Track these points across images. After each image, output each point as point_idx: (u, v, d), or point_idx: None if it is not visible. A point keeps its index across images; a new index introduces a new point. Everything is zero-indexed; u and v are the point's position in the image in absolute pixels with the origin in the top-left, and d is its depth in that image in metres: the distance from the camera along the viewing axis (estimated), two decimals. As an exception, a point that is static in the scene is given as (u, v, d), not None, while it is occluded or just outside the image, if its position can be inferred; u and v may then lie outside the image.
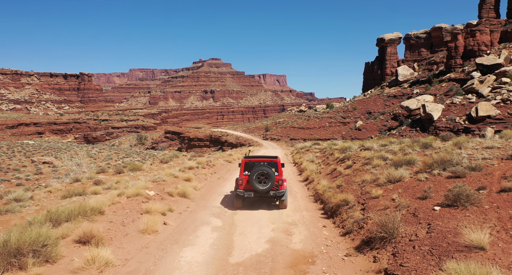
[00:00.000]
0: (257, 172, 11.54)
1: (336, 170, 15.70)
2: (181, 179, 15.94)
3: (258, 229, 8.97)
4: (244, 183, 11.99)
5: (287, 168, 24.73)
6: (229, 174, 21.39)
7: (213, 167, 23.14)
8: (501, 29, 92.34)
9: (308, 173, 17.55)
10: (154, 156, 74.82)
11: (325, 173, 16.71)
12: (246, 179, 12.04)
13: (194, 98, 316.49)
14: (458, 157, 10.75)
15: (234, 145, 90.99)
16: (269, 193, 11.71)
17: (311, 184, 16.01)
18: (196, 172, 19.28)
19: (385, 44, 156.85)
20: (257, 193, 11.70)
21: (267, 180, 11.53)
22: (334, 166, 17.15)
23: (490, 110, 65.54)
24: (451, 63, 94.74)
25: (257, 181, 11.52)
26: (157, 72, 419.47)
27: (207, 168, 21.81)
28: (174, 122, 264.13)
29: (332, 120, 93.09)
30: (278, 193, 11.71)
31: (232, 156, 31.17)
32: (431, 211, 7.30)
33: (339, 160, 18.08)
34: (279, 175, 12.35)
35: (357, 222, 8.31)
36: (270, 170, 11.63)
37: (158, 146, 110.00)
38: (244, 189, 11.95)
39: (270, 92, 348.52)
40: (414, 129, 73.63)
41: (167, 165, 24.78)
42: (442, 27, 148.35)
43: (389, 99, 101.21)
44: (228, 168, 24.61)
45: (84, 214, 8.19)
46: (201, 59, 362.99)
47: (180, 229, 9.08)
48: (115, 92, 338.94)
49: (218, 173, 21.35)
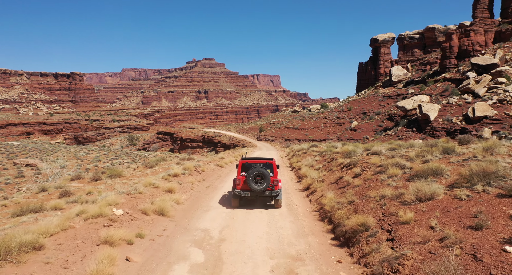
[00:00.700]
0: (254, 173, 11.98)
1: (343, 179, 13.38)
2: (162, 189, 13.50)
3: (252, 268, 6.58)
4: (241, 183, 12.43)
5: (284, 173, 22.38)
6: (220, 181, 18.96)
7: (202, 173, 20.70)
8: (495, 29, 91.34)
9: (309, 181, 15.23)
10: (145, 157, 71.98)
11: (329, 182, 14.41)
12: (243, 180, 12.46)
13: (188, 98, 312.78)
14: (499, 167, 8.49)
15: (228, 146, 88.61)
16: (264, 193, 12.20)
17: (314, 195, 13.70)
18: (182, 179, 16.83)
19: (378, 44, 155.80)
20: (254, 193, 12.18)
21: (263, 181, 12.02)
22: (339, 174, 14.84)
23: (487, 110, 64.12)
24: (446, 63, 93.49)
25: (253, 181, 11.99)
26: (150, 72, 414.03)
27: (194, 175, 19.36)
28: (167, 123, 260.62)
29: (327, 120, 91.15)
30: (273, 192, 12.23)
31: (224, 159, 28.74)
32: (501, 253, 5.04)
33: (343, 166, 15.79)
34: (274, 175, 12.74)
35: (387, 262, 5.99)
36: (265, 171, 12.09)
37: (150, 146, 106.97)
38: (241, 189, 12.40)
39: (264, 92, 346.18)
40: (410, 129, 71.99)
41: (151, 170, 22.28)
42: (435, 28, 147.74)
43: (384, 99, 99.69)
44: (219, 173, 22.18)
45: (7, 252, 5.76)
46: (194, 59, 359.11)
47: (147, 269, 6.67)
48: (108, 92, 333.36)
49: (207, 180, 18.91)
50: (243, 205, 12.89)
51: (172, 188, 13.58)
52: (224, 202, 13.16)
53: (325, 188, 13.42)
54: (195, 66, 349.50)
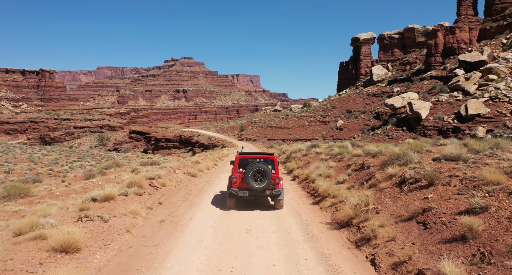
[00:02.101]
0: (253, 169, 10.59)
1: (434, 213, 6.38)
2: (46, 247, 6.09)
3: None
4: (239, 181, 11.06)
5: (284, 186, 15.33)
6: (189, 205, 11.62)
7: (160, 191, 13.22)
8: (479, 27, 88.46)
9: (348, 212, 8.09)
10: (114, 159, 63.22)
11: (393, 213, 7.42)
12: (240, 177, 11.11)
13: (166, 97, 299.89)
14: None
15: (206, 146, 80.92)
16: (265, 192, 10.83)
17: (380, 252, 6.60)
18: (114, 208, 9.39)
19: (359, 44, 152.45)
20: (252, 192, 10.86)
21: (264, 178, 10.63)
22: (404, 197, 7.92)
23: (480, 108, 59.88)
24: (431, 61, 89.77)
25: (252, 179, 10.62)
26: (127, 70, 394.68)
27: (145, 194, 11.92)
28: (144, 122, 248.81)
29: (311, 119, 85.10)
30: (275, 192, 10.85)
31: (199, 165, 21.25)
32: None
33: (401, 182, 8.90)
34: (276, 172, 11.25)
35: None
36: (266, 167, 10.68)
37: (121, 147, 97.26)
38: (238, 188, 11.02)
39: (243, 92, 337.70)
40: (400, 128, 66.97)
41: (84, 184, 14.56)
42: (414, 28, 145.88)
43: (369, 97, 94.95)
44: (189, 189, 14.77)
45: None
46: (173, 58, 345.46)
47: None
48: (81, 90, 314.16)
49: (166, 205, 11.47)
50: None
51: (70, 242, 6.13)
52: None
53: (400, 236, 6.41)
54: (173, 65, 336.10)
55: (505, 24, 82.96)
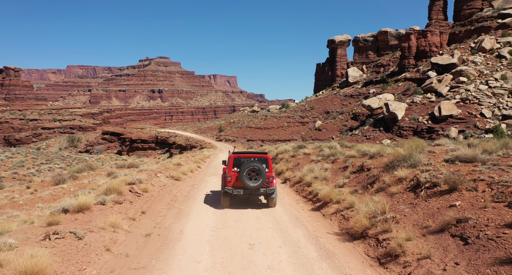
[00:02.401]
0: (248, 168, 10.71)
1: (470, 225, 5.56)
2: None
3: None
4: (233, 180, 11.10)
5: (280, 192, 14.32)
6: (176, 214, 10.31)
7: (143, 197, 11.78)
8: (449, 31, 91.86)
9: (363, 222, 7.13)
10: (86, 161, 59.88)
11: (416, 224, 6.55)
12: (235, 176, 11.15)
13: (141, 97, 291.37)
14: None
15: (184, 147, 78.68)
16: (259, 190, 10.96)
17: (401, 263, 5.68)
18: (90, 221, 7.96)
19: (335, 46, 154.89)
20: (247, 190, 10.95)
21: (258, 177, 10.76)
22: (423, 203, 7.10)
23: (452, 109, 61.85)
24: (405, 63, 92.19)
25: (247, 178, 10.71)
26: (99, 69, 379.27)
27: (126, 203, 10.48)
28: (118, 123, 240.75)
29: (290, 120, 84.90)
30: (269, 190, 10.99)
31: (182, 167, 19.79)
32: None
33: (414, 186, 8.10)
34: (270, 171, 11.40)
35: None
36: (261, 166, 10.80)
37: (94, 148, 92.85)
38: (233, 186, 11.04)
39: (220, 93, 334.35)
40: (377, 129, 68.00)
41: (53, 191, 12.83)
42: (387, 31, 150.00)
43: (346, 99, 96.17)
44: (174, 194, 13.38)
45: None
46: (148, 58, 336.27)
47: None
48: (50, 90, 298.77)
49: (150, 214, 10.08)
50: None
51: (34, 270, 4.79)
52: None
53: (435, 253, 5.50)
54: (148, 64, 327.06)
55: (472, 29, 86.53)
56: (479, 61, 74.09)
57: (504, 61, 71.74)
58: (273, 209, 10.89)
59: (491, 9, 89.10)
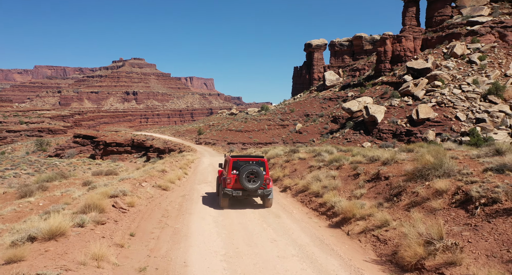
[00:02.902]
0: (247, 171, 11.38)
1: None
2: None
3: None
4: (232, 182, 11.66)
5: (279, 200, 12.78)
6: (176, 237, 8.39)
7: (129, 213, 9.86)
8: (422, 36, 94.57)
9: (417, 249, 5.75)
10: (56, 166, 55.75)
11: (491, 254, 5.24)
12: (234, 178, 11.71)
13: (114, 99, 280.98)
14: None
15: (162, 151, 75.60)
16: (257, 192, 11.57)
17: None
18: (68, 249, 6.10)
19: (312, 49, 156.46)
20: (245, 192, 11.60)
21: (256, 179, 11.41)
22: (488, 225, 5.83)
23: (429, 112, 63.11)
24: (381, 67, 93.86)
25: (246, 180, 11.37)
26: (70, 70, 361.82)
27: (111, 221, 8.53)
28: (90, 126, 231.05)
29: (271, 122, 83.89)
30: (266, 191, 11.65)
31: (168, 175, 17.80)
32: None
33: (480, 204, 6.83)
34: (267, 173, 12.04)
35: None
36: (259, 169, 11.51)
37: (65, 152, 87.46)
38: (232, 188, 11.62)
39: (197, 95, 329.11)
40: (357, 132, 68.27)
41: (18, 206, 10.62)
42: (362, 36, 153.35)
43: (325, 101, 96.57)
44: (164, 207, 11.46)
45: None
46: (122, 59, 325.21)
47: None
48: (16, 91, 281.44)
49: (140, 237, 8.07)
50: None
51: None
52: None
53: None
54: (122, 65, 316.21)
55: (444, 35, 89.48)
56: (452, 66, 76.48)
57: (474, 66, 74.41)
58: (286, 226, 9.41)
59: (460, 16, 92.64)
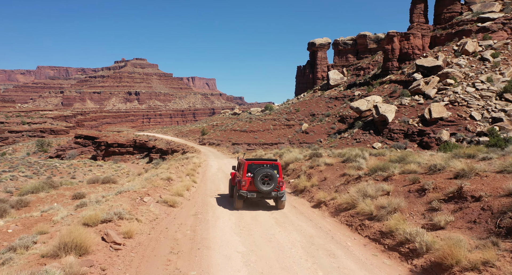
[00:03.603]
0: (262, 174, 11.62)
1: None
2: None
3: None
4: (247, 184, 11.96)
5: (327, 227, 9.89)
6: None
7: (124, 251, 6.91)
8: (430, 34, 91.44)
9: None
10: (55, 168, 52.98)
11: None
12: (249, 180, 11.99)
13: (117, 100, 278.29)
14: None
15: (165, 152, 72.82)
16: (271, 194, 11.83)
17: None
18: None
19: (316, 48, 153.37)
20: (260, 194, 11.86)
21: (271, 181, 11.66)
22: None
23: (442, 112, 60.02)
24: (388, 65, 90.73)
25: (261, 182, 11.61)
26: (72, 71, 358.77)
27: (96, 270, 5.65)
28: (93, 126, 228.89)
29: (276, 122, 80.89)
30: (280, 193, 11.89)
31: (175, 185, 14.84)
32: None
33: None
34: (280, 176, 12.26)
35: None
36: (273, 171, 11.74)
37: (66, 153, 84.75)
38: (247, 190, 11.93)
39: (200, 95, 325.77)
40: (367, 132, 65.22)
41: None
42: (366, 35, 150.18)
43: (331, 101, 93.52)
44: (172, 234, 8.46)
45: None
46: (124, 59, 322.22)
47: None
48: (18, 91, 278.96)
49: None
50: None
51: None
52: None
53: None
54: (124, 66, 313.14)
55: (453, 32, 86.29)
56: (464, 64, 73.32)
57: (487, 64, 71.23)
58: (351, 274, 6.46)
59: (470, 13, 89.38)
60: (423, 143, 58.14)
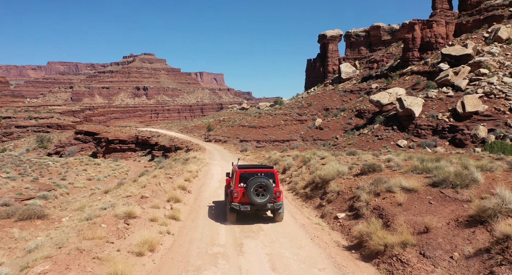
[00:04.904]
0: (255, 184, 10.25)
1: None
2: None
3: None
4: (240, 196, 10.55)
5: None
6: None
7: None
8: (455, 21, 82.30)
9: None
10: (45, 168, 46.37)
11: None
12: (241, 191, 10.60)
13: (125, 95, 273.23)
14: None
15: (168, 149, 66.13)
16: (266, 206, 10.52)
17: None
18: None
19: (327, 41, 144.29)
20: (254, 206, 10.48)
21: (266, 192, 10.33)
22: None
23: (478, 105, 51.63)
24: (409, 55, 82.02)
25: (255, 194, 10.26)
26: (82, 66, 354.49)
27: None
28: (101, 121, 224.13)
29: (287, 118, 73.34)
30: (276, 205, 10.62)
31: (131, 234, 7.87)
32: None
33: None
34: (277, 186, 10.91)
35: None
36: (268, 181, 10.39)
37: (65, 150, 78.71)
38: (239, 202, 10.50)
39: (207, 90, 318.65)
40: (390, 128, 57.19)
41: None
42: (380, 26, 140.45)
43: (346, 94, 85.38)
44: None
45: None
46: (132, 54, 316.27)
47: None
48: (29, 87, 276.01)
49: None
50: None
51: None
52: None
53: None
54: (133, 61, 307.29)
55: (482, 19, 77.12)
56: (497, 52, 64.51)
57: (525, 52, 62.38)
58: None
59: (500, -3, 79.89)
60: (456, 140, 50.02)
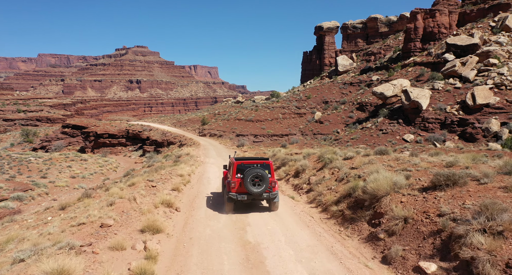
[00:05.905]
0: (252, 175, 10.85)
1: None
2: None
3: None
4: (237, 186, 11.16)
5: None
6: None
7: None
8: (458, 10, 78.23)
9: None
10: (25, 164, 41.49)
11: None
12: (238, 182, 11.20)
13: (118, 88, 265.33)
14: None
15: (160, 144, 61.51)
16: (262, 195, 11.07)
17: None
18: None
19: (323, 33, 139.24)
20: (250, 196, 11.09)
21: (262, 182, 10.93)
22: None
23: (489, 97, 47.79)
24: (411, 46, 77.87)
25: (251, 184, 10.86)
26: (73, 58, 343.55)
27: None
28: (93, 114, 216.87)
29: (285, 111, 68.98)
30: (272, 195, 11.16)
31: None
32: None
33: None
34: (272, 176, 11.44)
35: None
36: (264, 172, 10.96)
37: (51, 144, 73.39)
38: (237, 192, 11.12)
39: (202, 83, 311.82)
40: (395, 121, 53.23)
41: None
42: (377, 18, 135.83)
43: (345, 87, 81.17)
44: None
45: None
46: (125, 47, 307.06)
47: None
48: (19, 79, 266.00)
49: None
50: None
51: None
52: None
53: None
54: (125, 53, 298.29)
55: (487, 7, 73.16)
56: (505, 42, 60.69)
57: (535, 41, 58.68)
58: None
59: (505, -14, 75.78)
60: (466, 134, 46.25)
